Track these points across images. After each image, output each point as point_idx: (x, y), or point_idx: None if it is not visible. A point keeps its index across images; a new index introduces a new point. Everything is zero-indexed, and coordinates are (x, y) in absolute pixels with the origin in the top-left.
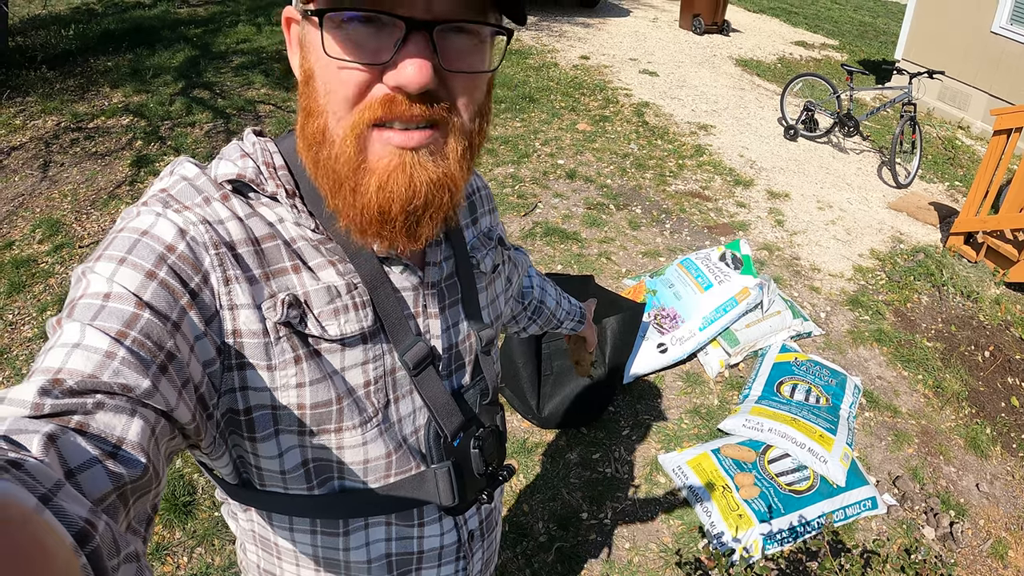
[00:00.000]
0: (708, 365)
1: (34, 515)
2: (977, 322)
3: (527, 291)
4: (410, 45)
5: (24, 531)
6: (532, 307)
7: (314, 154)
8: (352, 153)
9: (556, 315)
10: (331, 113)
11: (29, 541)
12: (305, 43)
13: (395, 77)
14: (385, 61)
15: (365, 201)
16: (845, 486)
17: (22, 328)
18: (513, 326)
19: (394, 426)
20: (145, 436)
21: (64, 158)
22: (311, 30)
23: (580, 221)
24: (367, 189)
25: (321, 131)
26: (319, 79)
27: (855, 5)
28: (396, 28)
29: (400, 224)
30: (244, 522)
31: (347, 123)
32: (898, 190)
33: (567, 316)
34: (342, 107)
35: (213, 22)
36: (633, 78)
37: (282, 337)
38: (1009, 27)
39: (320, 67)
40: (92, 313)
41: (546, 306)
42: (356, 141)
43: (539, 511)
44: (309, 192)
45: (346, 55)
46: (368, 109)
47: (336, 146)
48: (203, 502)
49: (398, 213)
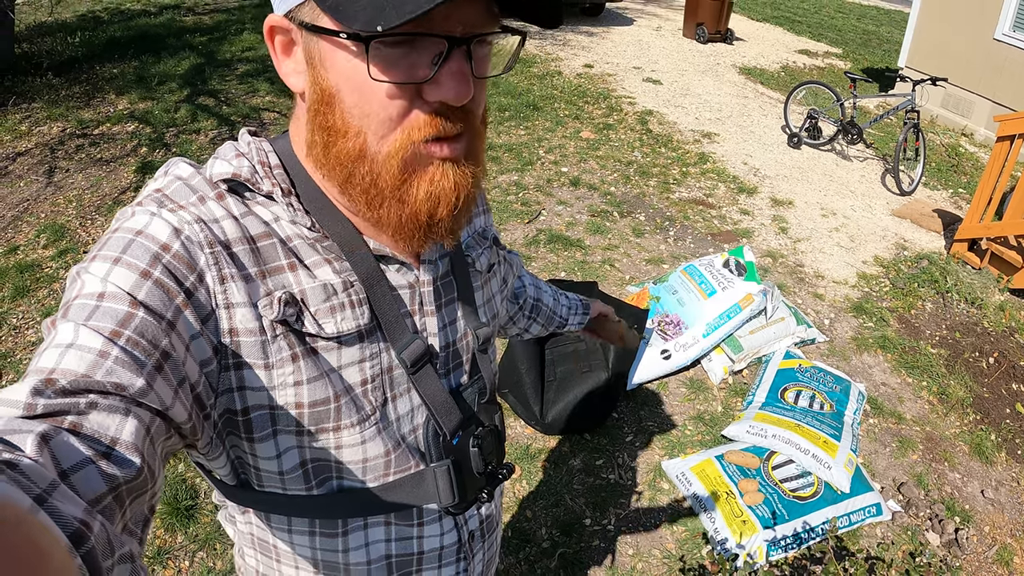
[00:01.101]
0: (712, 371)
1: (29, 516)
2: (981, 328)
3: (519, 291)
4: (452, 62)
5: (19, 532)
6: (529, 306)
7: (347, 172)
8: (397, 170)
9: (557, 312)
10: (371, 133)
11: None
12: (318, 60)
13: (439, 92)
14: (427, 78)
15: (414, 209)
16: (849, 492)
17: (26, 332)
18: (512, 328)
19: (392, 424)
20: (139, 436)
21: (69, 164)
22: (328, 48)
23: (584, 228)
24: (415, 199)
25: (358, 150)
26: (351, 100)
27: (858, 13)
28: (435, 45)
29: (446, 225)
30: (242, 525)
31: (394, 143)
32: (902, 197)
33: (570, 311)
34: (384, 127)
35: (218, 30)
36: (637, 86)
37: (279, 335)
38: (1012, 34)
39: (350, 87)
40: (86, 313)
41: (543, 303)
42: (403, 161)
43: (542, 517)
44: (306, 191)
45: (387, 76)
46: (417, 129)
47: (379, 164)
48: (205, 506)
49: (446, 216)
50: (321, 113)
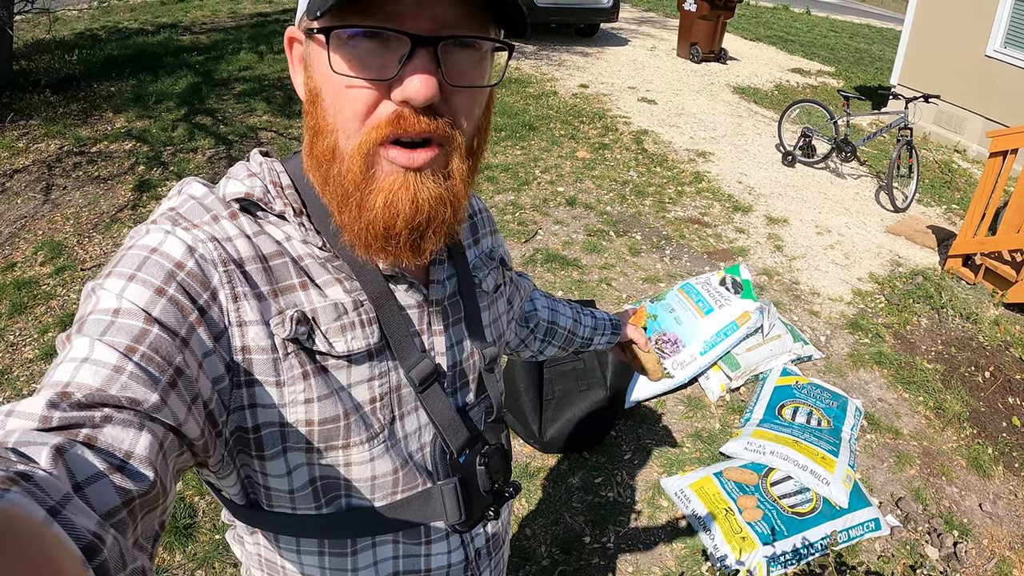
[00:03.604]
0: (709, 389)
1: (43, 528)
2: (977, 343)
3: (531, 315)
4: (416, 60)
5: (33, 543)
6: (543, 329)
7: (324, 172)
8: (359, 171)
9: (577, 333)
10: (340, 131)
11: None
12: (310, 62)
13: (401, 92)
14: (391, 77)
15: (371, 217)
16: (848, 508)
17: (23, 349)
18: (525, 351)
19: (400, 443)
20: (153, 450)
21: (67, 181)
22: (316, 49)
23: (580, 248)
24: (373, 206)
25: (331, 149)
26: (326, 98)
27: (851, 32)
28: (401, 44)
29: (404, 240)
30: (250, 546)
31: (356, 141)
32: (896, 214)
33: (594, 332)
34: (352, 124)
35: (215, 49)
36: (632, 106)
37: (290, 353)
38: (1003, 50)
39: (327, 86)
40: (101, 328)
41: (559, 326)
42: (364, 159)
43: (541, 535)
44: (316, 211)
45: (352, 72)
46: (376, 128)
47: (345, 163)
48: (203, 525)
49: (402, 229)
50: (309, 114)
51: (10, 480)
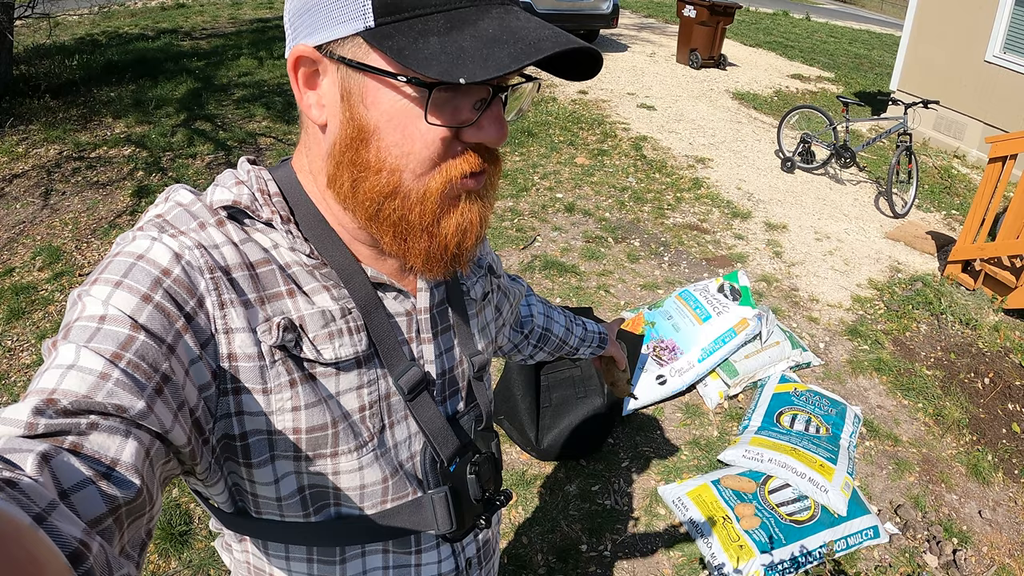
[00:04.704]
0: (707, 396)
1: (29, 531)
2: (976, 349)
3: (526, 320)
4: (494, 107)
5: (20, 546)
6: (536, 335)
7: (375, 207)
8: (435, 207)
9: (567, 341)
10: (407, 171)
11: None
12: (360, 97)
13: (480, 135)
14: (470, 122)
15: (444, 242)
16: (846, 515)
17: (20, 354)
18: (516, 355)
19: (390, 451)
20: (139, 458)
21: (66, 187)
22: (379, 87)
23: (579, 254)
24: (445, 232)
25: (392, 187)
26: (390, 138)
27: (850, 37)
28: (480, 91)
29: (468, 254)
30: (239, 553)
31: (433, 180)
32: (895, 220)
33: (581, 343)
34: (424, 166)
35: (215, 55)
36: (631, 112)
37: (277, 360)
38: (1002, 56)
39: (396, 128)
40: (87, 335)
41: (552, 333)
42: (441, 197)
43: (538, 543)
44: (305, 218)
45: (441, 120)
46: (456, 167)
47: (411, 200)
48: (199, 532)
49: (470, 246)
50: (352, 148)
51: None
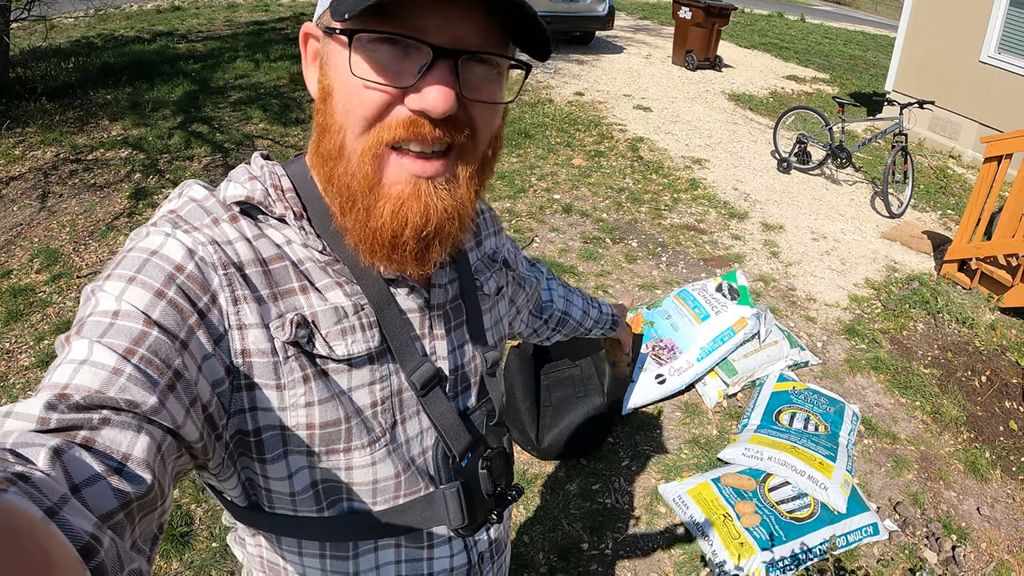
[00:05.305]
0: (706, 395)
1: (41, 524)
2: (973, 348)
3: (547, 305)
4: (435, 71)
5: (32, 539)
6: (555, 319)
7: (328, 169)
8: (369, 171)
9: (583, 324)
10: (349, 130)
11: (37, 550)
12: (326, 60)
13: (419, 101)
14: (409, 85)
15: (378, 225)
16: (846, 513)
17: (19, 357)
18: (534, 337)
19: (402, 447)
20: (151, 453)
21: (63, 189)
22: (335, 48)
23: (577, 255)
24: (381, 213)
25: (338, 147)
26: (338, 96)
27: (845, 38)
28: (422, 54)
29: (411, 249)
30: (252, 548)
31: (366, 141)
32: (891, 220)
33: (595, 324)
34: (361, 125)
35: (212, 57)
36: (627, 113)
37: (290, 356)
38: (997, 56)
39: (341, 85)
40: (100, 330)
41: (571, 317)
42: (373, 160)
43: (539, 542)
44: (317, 214)
45: (371, 75)
46: (388, 129)
47: (353, 163)
48: (200, 532)
49: (410, 239)
50: (319, 111)
51: (8, 481)
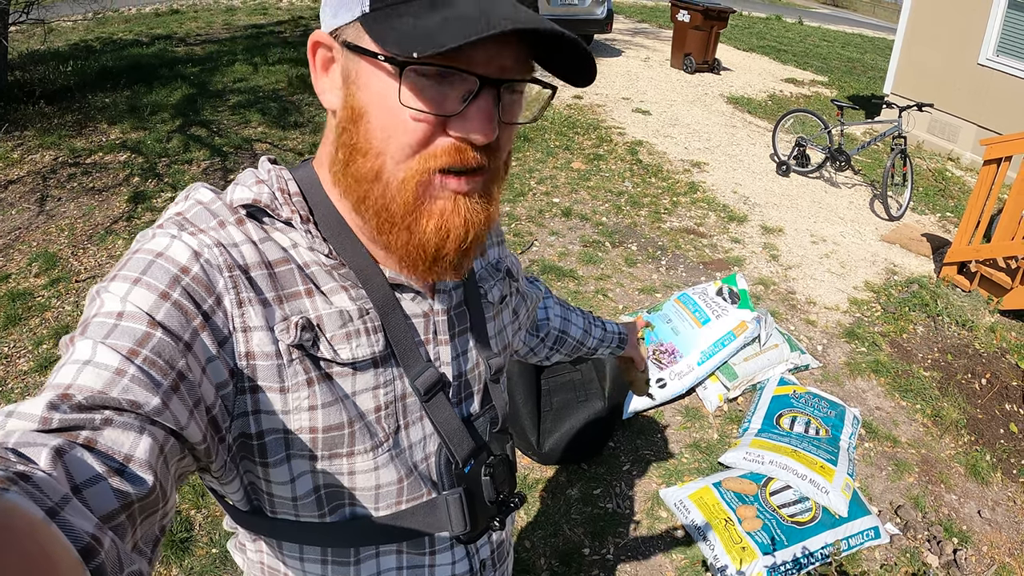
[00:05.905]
0: (707, 399)
1: (42, 524)
2: (973, 350)
3: (542, 323)
4: (481, 100)
5: (33, 540)
6: (552, 338)
7: (362, 191)
8: (411, 198)
9: (585, 343)
10: (389, 156)
11: (37, 550)
12: (353, 79)
13: (464, 128)
14: (453, 113)
15: (422, 240)
16: (847, 516)
17: (18, 361)
18: (532, 357)
19: (405, 452)
20: (153, 454)
21: (61, 193)
22: (368, 69)
23: (576, 259)
24: (424, 229)
25: (375, 171)
26: (376, 122)
27: (843, 41)
28: (467, 83)
29: (451, 260)
30: (252, 554)
31: (410, 168)
32: (890, 222)
33: (600, 343)
34: (404, 152)
35: (210, 61)
36: (626, 117)
37: (295, 360)
38: (996, 58)
39: (382, 110)
40: (105, 331)
41: (569, 335)
42: (417, 187)
43: (541, 547)
44: (324, 218)
45: (419, 105)
46: (434, 157)
47: (392, 187)
48: (200, 538)
49: (451, 251)
50: (347, 131)
51: (9, 480)
